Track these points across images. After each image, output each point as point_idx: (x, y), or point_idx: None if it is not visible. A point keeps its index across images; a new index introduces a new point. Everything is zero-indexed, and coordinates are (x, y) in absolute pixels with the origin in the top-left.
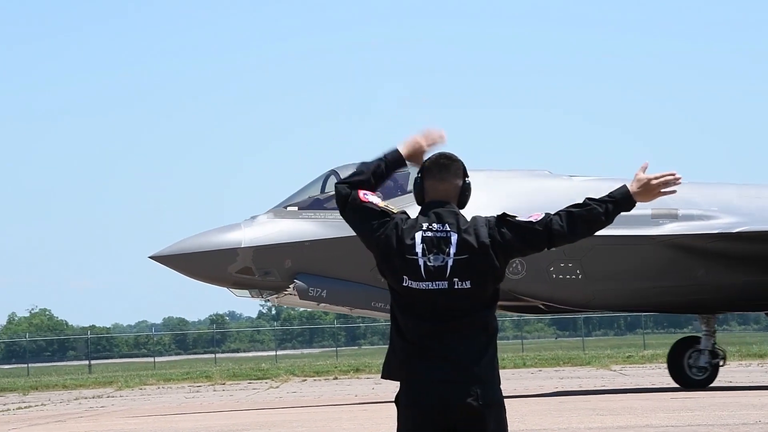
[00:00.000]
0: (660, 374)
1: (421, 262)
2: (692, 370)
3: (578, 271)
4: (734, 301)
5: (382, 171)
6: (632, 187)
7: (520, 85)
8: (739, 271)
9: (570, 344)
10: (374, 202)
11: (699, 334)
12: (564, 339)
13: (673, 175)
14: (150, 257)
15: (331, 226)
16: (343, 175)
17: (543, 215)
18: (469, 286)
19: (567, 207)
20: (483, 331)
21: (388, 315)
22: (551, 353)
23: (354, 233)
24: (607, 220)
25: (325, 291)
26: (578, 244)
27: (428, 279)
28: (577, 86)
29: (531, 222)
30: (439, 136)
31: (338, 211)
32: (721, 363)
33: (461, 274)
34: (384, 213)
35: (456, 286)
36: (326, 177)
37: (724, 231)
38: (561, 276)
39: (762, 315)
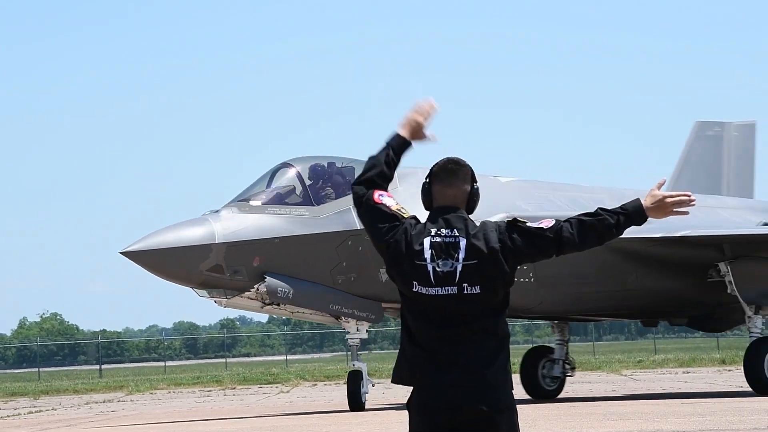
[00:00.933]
0: (671, 379)
1: (429, 267)
2: (546, 381)
3: (531, 275)
4: (673, 306)
5: (391, 158)
6: (646, 202)
7: (516, 85)
8: (676, 275)
9: (581, 349)
10: (387, 204)
11: (551, 344)
12: (574, 344)
13: (688, 196)
14: (121, 252)
15: (295, 222)
16: (298, 167)
17: (554, 222)
18: (478, 291)
19: (578, 215)
20: (493, 336)
21: (335, 320)
22: None
23: (318, 231)
24: (618, 232)
25: (291, 291)
26: None
27: (437, 284)
28: (575, 86)
29: (542, 228)
30: (431, 107)
31: (300, 206)
32: (569, 373)
33: (470, 280)
34: (394, 217)
35: (465, 292)
36: (275, 171)
37: (666, 235)
38: (516, 279)
39: None
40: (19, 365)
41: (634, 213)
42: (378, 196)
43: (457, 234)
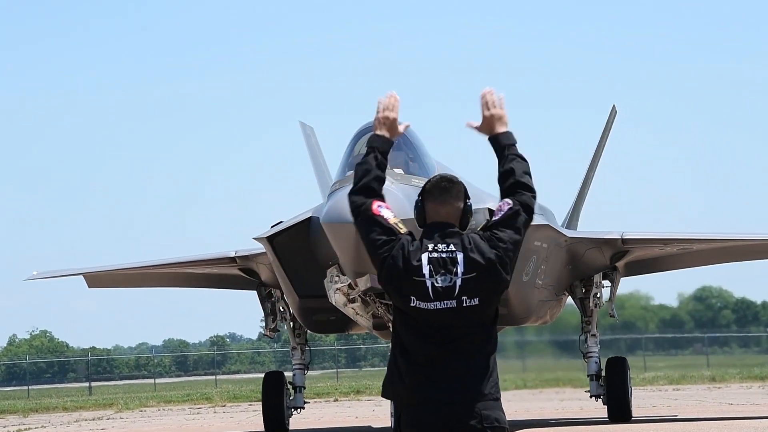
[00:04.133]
0: (660, 396)
1: (428, 283)
2: (290, 411)
3: None
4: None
5: (380, 160)
6: (481, 130)
7: (517, 84)
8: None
9: (572, 365)
10: (385, 217)
11: (288, 370)
12: (566, 360)
13: (489, 92)
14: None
15: None
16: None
17: (509, 200)
18: (477, 303)
19: (507, 189)
20: (486, 351)
21: (371, 327)
22: (553, 374)
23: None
24: (522, 163)
25: None
26: None
27: (436, 299)
28: (575, 86)
29: (510, 208)
30: (394, 99)
31: (422, 178)
32: (302, 407)
33: (470, 292)
34: (391, 230)
35: (465, 304)
36: (358, 135)
37: (574, 235)
38: None
39: (764, 336)
40: (8, 383)
41: (492, 144)
42: (377, 207)
43: (453, 249)
